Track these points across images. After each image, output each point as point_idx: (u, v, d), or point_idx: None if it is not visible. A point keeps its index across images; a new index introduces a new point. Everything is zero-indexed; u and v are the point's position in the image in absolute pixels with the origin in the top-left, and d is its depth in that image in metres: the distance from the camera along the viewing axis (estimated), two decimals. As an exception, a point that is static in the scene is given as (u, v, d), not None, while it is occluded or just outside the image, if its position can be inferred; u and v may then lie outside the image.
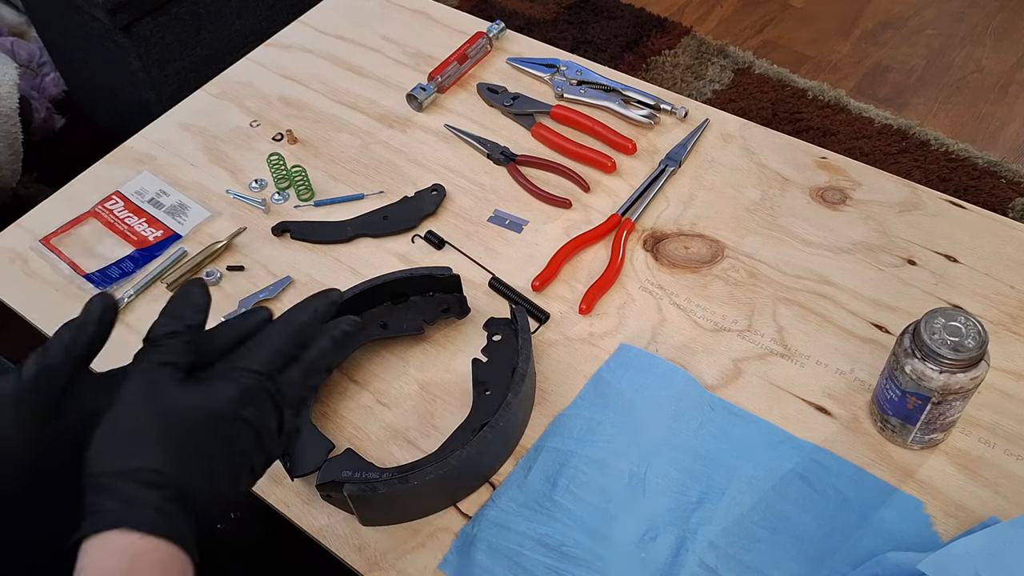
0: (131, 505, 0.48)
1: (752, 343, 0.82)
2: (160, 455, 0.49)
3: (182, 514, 0.49)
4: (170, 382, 0.52)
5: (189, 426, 0.51)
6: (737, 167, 0.97)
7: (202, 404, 0.52)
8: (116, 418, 0.51)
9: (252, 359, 0.54)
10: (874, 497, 0.71)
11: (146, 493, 0.48)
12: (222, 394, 0.52)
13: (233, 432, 0.52)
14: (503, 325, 0.82)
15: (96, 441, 0.50)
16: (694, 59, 1.88)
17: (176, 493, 0.49)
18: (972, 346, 0.65)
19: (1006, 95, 1.79)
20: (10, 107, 1.60)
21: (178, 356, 0.53)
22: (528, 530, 0.71)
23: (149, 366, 0.52)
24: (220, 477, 0.52)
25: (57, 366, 0.52)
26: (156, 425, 0.50)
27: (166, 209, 0.98)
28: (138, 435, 0.50)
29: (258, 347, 0.55)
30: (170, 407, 0.51)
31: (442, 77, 1.07)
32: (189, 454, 0.50)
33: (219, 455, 0.52)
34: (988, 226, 0.89)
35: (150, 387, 0.51)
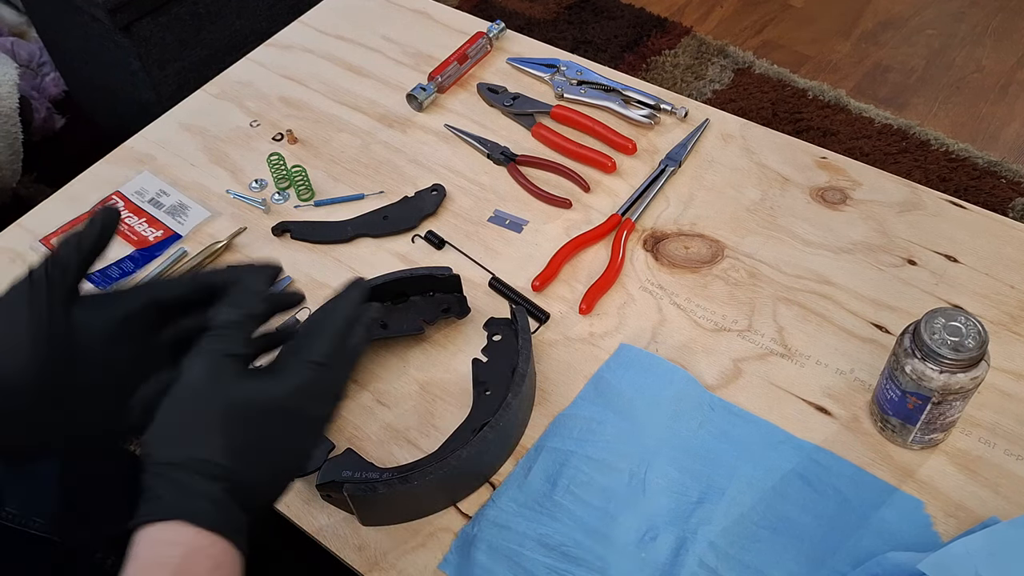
0: (191, 497, 0.48)
1: (752, 343, 0.82)
2: (223, 447, 0.49)
3: (239, 509, 0.49)
4: (234, 373, 0.52)
5: (253, 420, 0.51)
6: (737, 167, 0.97)
7: (267, 397, 0.52)
8: (178, 405, 0.51)
9: (315, 350, 0.54)
10: (874, 497, 0.71)
11: (207, 486, 0.48)
12: (287, 387, 0.52)
13: (294, 426, 0.52)
14: (503, 325, 0.82)
15: (157, 425, 0.51)
16: (694, 59, 1.88)
17: (236, 487, 0.49)
18: (972, 346, 0.65)
19: (1006, 95, 1.79)
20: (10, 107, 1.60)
21: (241, 347, 0.53)
22: (528, 530, 0.71)
23: (213, 356, 0.52)
24: (279, 472, 0.52)
25: (67, 260, 0.54)
26: (220, 417, 0.50)
27: (166, 209, 0.98)
28: (201, 425, 0.50)
29: (318, 338, 0.55)
30: (235, 399, 0.51)
31: (442, 77, 1.07)
32: (252, 448, 0.50)
33: (279, 449, 0.52)
34: (988, 226, 0.89)
35: (214, 377, 0.51)
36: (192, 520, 0.47)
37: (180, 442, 0.50)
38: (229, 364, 0.52)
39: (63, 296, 0.54)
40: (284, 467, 0.53)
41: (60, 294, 0.54)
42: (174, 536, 0.47)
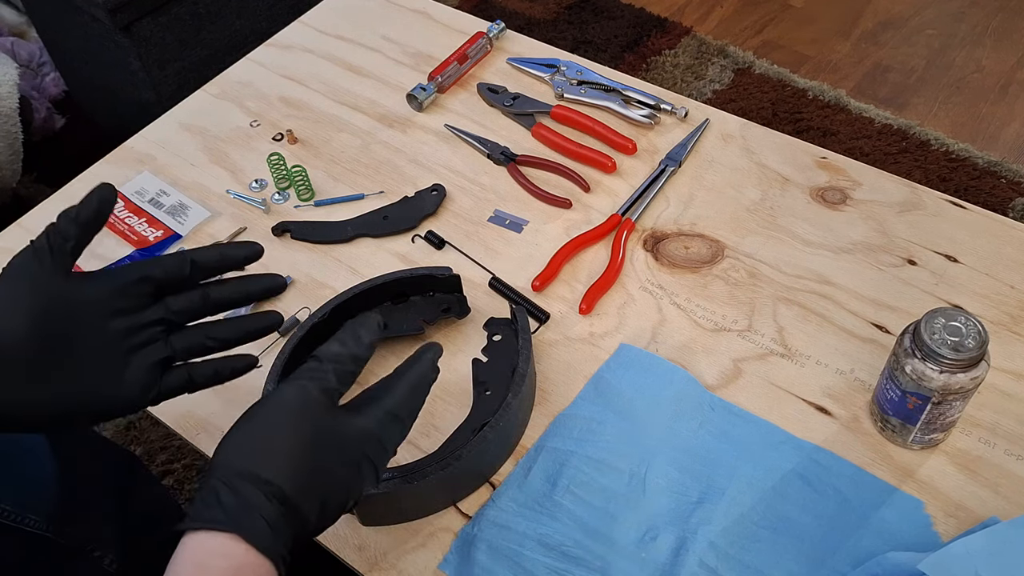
0: (252, 513, 0.49)
1: (752, 343, 0.82)
2: (291, 473, 0.51)
3: (288, 534, 0.51)
4: (323, 407, 0.54)
5: (323, 453, 0.53)
6: (737, 167, 0.97)
7: (342, 436, 0.54)
8: (261, 420, 0.53)
9: (394, 401, 0.57)
10: (874, 497, 0.71)
11: (269, 507, 0.50)
12: (362, 429, 0.55)
13: (356, 467, 0.55)
14: (503, 325, 0.82)
15: (234, 432, 0.52)
16: (694, 59, 1.88)
17: (292, 513, 0.51)
18: (972, 346, 0.65)
19: (1006, 95, 1.79)
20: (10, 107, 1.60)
21: (338, 383, 0.55)
22: (528, 530, 0.71)
23: (308, 384, 0.54)
24: (330, 507, 0.54)
25: (65, 233, 0.56)
26: (296, 443, 0.52)
27: (166, 209, 0.98)
28: (275, 445, 0.52)
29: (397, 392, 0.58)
30: (314, 431, 0.53)
31: (442, 77, 1.07)
32: (316, 480, 0.52)
33: (338, 488, 0.54)
34: (988, 226, 0.89)
35: (302, 403, 0.53)
36: (247, 537, 0.48)
37: (256, 457, 0.51)
38: (320, 396, 0.54)
39: (63, 264, 0.56)
40: (336, 504, 0.54)
41: (60, 261, 0.56)
42: (226, 548, 0.48)
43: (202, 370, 0.63)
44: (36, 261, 0.55)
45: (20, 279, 0.55)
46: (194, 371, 0.62)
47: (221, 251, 0.61)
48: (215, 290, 0.62)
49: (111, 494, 0.75)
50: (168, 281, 0.60)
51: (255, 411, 0.54)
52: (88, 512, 0.71)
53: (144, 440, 1.28)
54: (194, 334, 0.62)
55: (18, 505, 0.65)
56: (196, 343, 0.62)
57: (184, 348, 0.61)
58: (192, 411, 0.80)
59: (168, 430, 0.94)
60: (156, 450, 1.27)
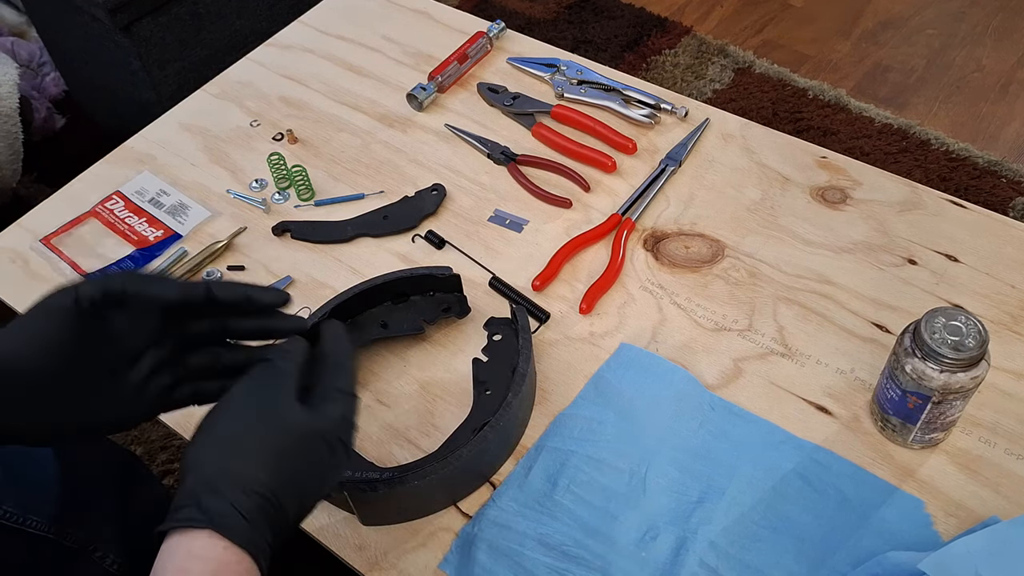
0: (226, 509, 0.49)
1: (752, 343, 0.82)
2: (264, 467, 0.51)
3: (268, 528, 0.50)
4: (286, 398, 0.54)
5: (295, 444, 0.53)
6: (737, 167, 0.97)
7: (310, 424, 0.54)
8: (228, 419, 0.53)
9: (344, 381, 0.57)
10: (874, 496, 0.71)
11: (245, 501, 0.49)
12: (328, 416, 0.55)
13: (331, 452, 0.54)
14: (503, 325, 0.82)
15: (204, 433, 0.52)
16: (694, 59, 1.88)
17: (270, 507, 0.51)
18: (972, 345, 0.65)
19: (1006, 95, 1.79)
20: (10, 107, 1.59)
21: (296, 375, 0.55)
22: (529, 530, 0.71)
23: (269, 378, 0.54)
24: (309, 495, 0.54)
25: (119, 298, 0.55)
26: (266, 437, 0.52)
27: (166, 209, 0.98)
28: (247, 442, 0.52)
29: (345, 370, 0.58)
30: (281, 423, 0.53)
31: (442, 77, 1.07)
32: (289, 471, 0.52)
33: (314, 474, 0.54)
34: (989, 225, 0.89)
35: (267, 399, 0.53)
36: (225, 533, 0.48)
37: (227, 454, 0.51)
38: (282, 387, 0.54)
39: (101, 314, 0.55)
40: (313, 491, 0.54)
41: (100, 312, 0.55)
42: (203, 550, 0.48)
43: (209, 387, 0.62)
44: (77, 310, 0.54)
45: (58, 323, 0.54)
46: (201, 387, 0.62)
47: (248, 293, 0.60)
48: (235, 324, 0.61)
49: (112, 494, 0.75)
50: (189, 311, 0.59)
51: (221, 410, 0.53)
52: (89, 513, 0.71)
53: (144, 440, 1.28)
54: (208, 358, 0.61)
55: (20, 506, 0.65)
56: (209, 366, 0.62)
57: (195, 370, 0.61)
58: (192, 411, 0.79)
59: (168, 430, 0.94)
60: (156, 450, 1.27)
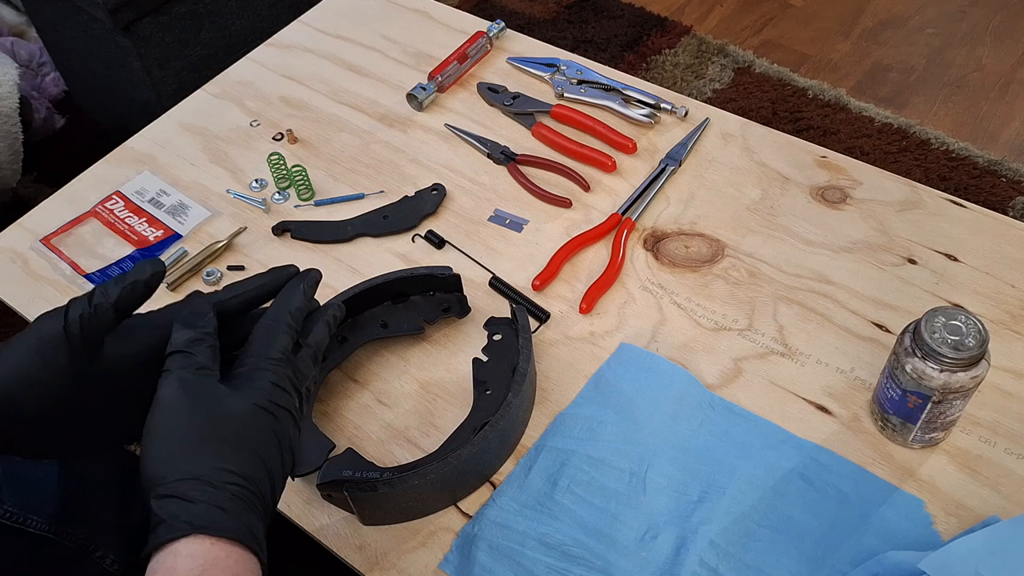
0: (198, 509, 0.48)
1: (752, 342, 0.82)
2: (218, 456, 0.50)
3: (248, 511, 0.50)
4: (210, 385, 0.53)
5: (238, 424, 0.52)
6: (737, 166, 0.97)
7: (244, 400, 0.53)
8: (165, 426, 0.52)
9: (272, 349, 0.56)
10: (875, 496, 0.71)
11: (215, 494, 0.49)
12: (258, 387, 0.54)
13: (275, 421, 0.54)
14: (503, 324, 0.82)
15: (150, 451, 0.51)
16: (694, 58, 1.88)
17: (240, 490, 0.50)
18: (972, 345, 0.65)
19: (1006, 94, 1.79)
20: (10, 107, 1.59)
21: (209, 361, 0.54)
22: (529, 529, 0.71)
23: (186, 373, 0.53)
24: (274, 466, 0.53)
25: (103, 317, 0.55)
26: (208, 428, 0.52)
27: (166, 209, 0.98)
28: (192, 439, 0.51)
29: (272, 336, 0.57)
30: (217, 409, 0.52)
31: (442, 77, 1.07)
32: (244, 450, 0.52)
33: (269, 446, 0.53)
34: (989, 225, 0.89)
35: (193, 392, 0.53)
36: (206, 531, 0.47)
37: (176, 460, 0.50)
38: (202, 378, 0.53)
39: (93, 348, 0.55)
40: (277, 463, 0.54)
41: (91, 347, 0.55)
42: (190, 549, 0.47)
43: None
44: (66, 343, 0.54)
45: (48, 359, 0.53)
46: None
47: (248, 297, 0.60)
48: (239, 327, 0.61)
49: (112, 494, 0.75)
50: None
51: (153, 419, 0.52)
52: (89, 512, 0.71)
53: (144, 440, 1.28)
54: None
55: (20, 506, 0.65)
56: None
57: None
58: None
59: (168, 430, 0.94)
60: (157, 450, 1.27)
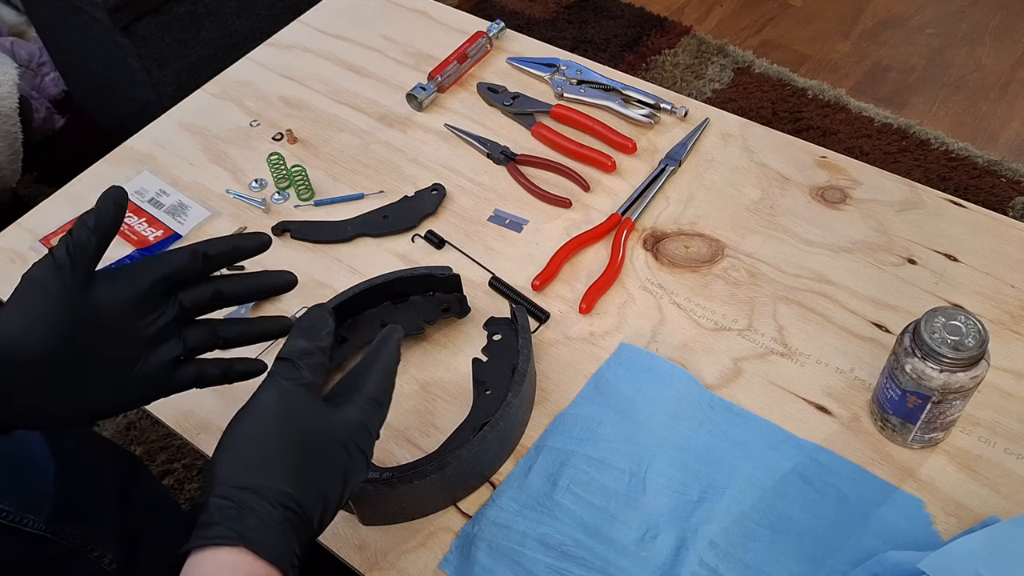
0: (251, 521, 0.48)
1: (752, 342, 0.82)
2: (285, 476, 0.51)
3: (293, 537, 0.50)
4: (306, 404, 0.54)
5: (314, 450, 0.53)
6: (737, 166, 0.97)
7: (330, 429, 0.54)
8: (249, 429, 0.52)
9: (372, 387, 0.57)
10: (874, 496, 0.71)
11: (273, 514, 0.49)
12: (348, 420, 0.55)
13: (349, 457, 0.54)
14: (503, 324, 0.82)
15: (226, 446, 0.52)
16: (694, 58, 1.88)
17: (297, 517, 0.50)
18: (972, 345, 0.65)
19: (1006, 94, 1.79)
20: (10, 107, 1.59)
21: (314, 377, 0.55)
22: (529, 529, 0.71)
23: (288, 384, 0.54)
24: (331, 501, 0.53)
25: (85, 244, 0.56)
26: (286, 445, 0.52)
27: (166, 209, 0.98)
28: (268, 451, 0.51)
29: (373, 376, 0.58)
30: (300, 429, 0.53)
31: (442, 77, 1.07)
32: (313, 479, 0.52)
33: (335, 480, 0.54)
34: (988, 225, 0.89)
35: (284, 405, 0.53)
36: (253, 547, 0.48)
37: (249, 466, 0.51)
38: (299, 393, 0.54)
39: (83, 276, 0.56)
40: (334, 498, 0.54)
41: (81, 274, 0.56)
42: (233, 561, 0.47)
43: (211, 369, 0.63)
44: (58, 276, 0.55)
45: (42, 294, 0.55)
46: (204, 369, 0.63)
47: (233, 242, 0.62)
48: (227, 285, 0.63)
49: (111, 494, 0.75)
50: (183, 277, 0.61)
51: (242, 420, 0.53)
52: (88, 512, 0.71)
53: (144, 440, 1.28)
54: (206, 331, 0.63)
55: (18, 505, 0.65)
56: (208, 340, 0.62)
57: (196, 344, 0.62)
58: (192, 411, 0.80)
59: (168, 430, 0.94)
60: (156, 450, 1.27)
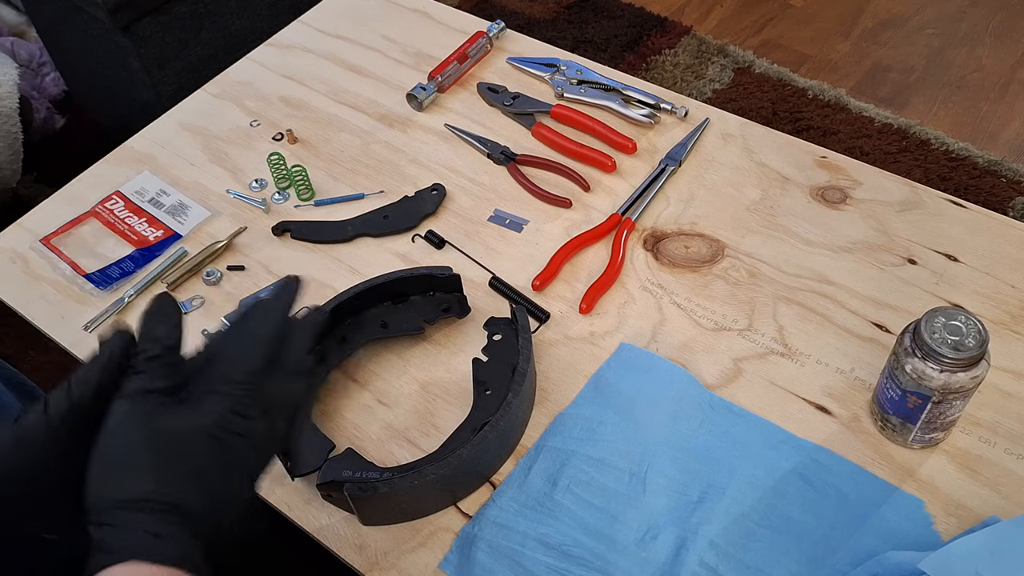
0: (133, 535, 0.47)
1: (752, 342, 0.82)
2: (155, 481, 0.49)
3: (185, 535, 0.49)
4: (156, 408, 0.51)
5: (180, 449, 0.51)
6: (737, 166, 0.97)
7: (190, 425, 0.51)
8: (106, 450, 0.51)
9: (235, 370, 0.53)
10: (874, 496, 0.71)
11: (145, 521, 0.48)
12: (209, 413, 0.52)
13: (225, 446, 0.52)
14: (503, 324, 0.82)
15: (90, 476, 0.50)
16: (694, 58, 1.88)
17: (175, 516, 0.49)
18: (972, 345, 0.65)
19: (1006, 94, 1.79)
20: (10, 107, 1.59)
21: (161, 381, 0.52)
22: (529, 530, 0.71)
23: (133, 395, 0.52)
24: (219, 494, 0.52)
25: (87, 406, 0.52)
26: (146, 452, 0.50)
27: (166, 209, 0.98)
28: (129, 464, 0.50)
29: (240, 354, 0.54)
30: (157, 433, 0.51)
31: (442, 77, 1.07)
32: (182, 476, 0.50)
33: (213, 470, 0.51)
34: (988, 225, 0.89)
35: (137, 416, 0.51)
36: (141, 557, 0.47)
37: (115, 484, 0.49)
38: (151, 400, 0.52)
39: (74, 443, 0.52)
40: (228, 489, 0.52)
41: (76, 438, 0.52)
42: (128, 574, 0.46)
43: None
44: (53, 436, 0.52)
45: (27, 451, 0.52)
46: None
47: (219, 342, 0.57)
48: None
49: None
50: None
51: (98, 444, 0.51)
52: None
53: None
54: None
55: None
56: None
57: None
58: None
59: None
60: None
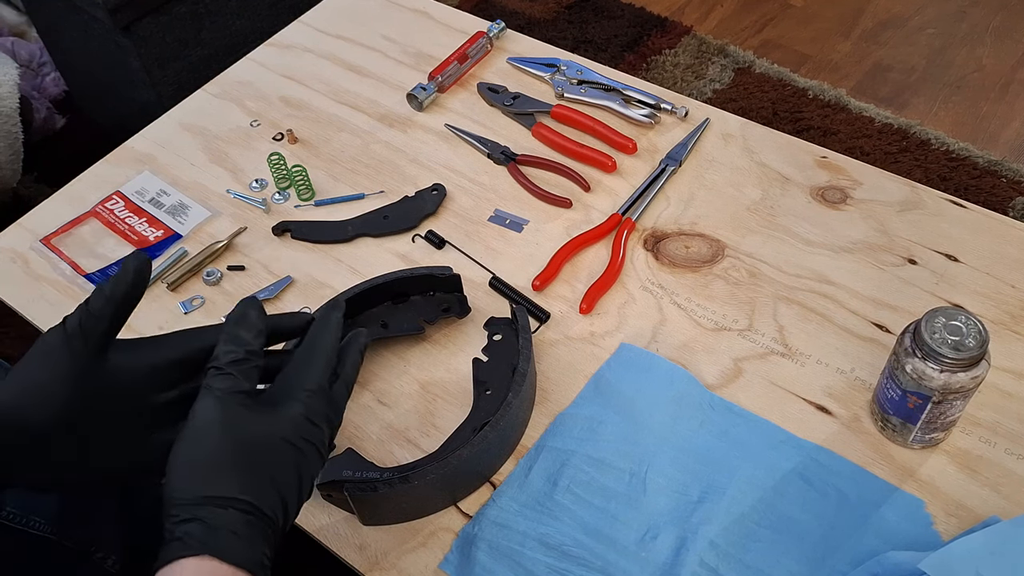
0: (213, 532, 0.49)
1: (753, 342, 0.82)
2: (239, 482, 0.51)
3: (259, 539, 0.51)
4: (242, 410, 0.54)
5: (263, 453, 0.53)
6: (737, 166, 0.97)
7: (272, 430, 0.54)
8: (193, 446, 0.53)
9: (310, 379, 0.57)
10: (875, 496, 0.71)
11: (227, 519, 0.50)
12: (289, 417, 0.55)
13: (299, 453, 0.55)
14: (504, 324, 0.82)
15: (174, 468, 0.52)
16: (694, 59, 1.88)
17: (254, 519, 0.51)
18: (973, 345, 0.65)
19: (1007, 94, 1.79)
20: (10, 107, 1.59)
21: (246, 383, 0.55)
22: (529, 530, 0.71)
23: (221, 395, 0.54)
24: (290, 498, 0.54)
25: (100, 314, 0.55)
26: (233, 453, 0.52)
27: (166, 209, 0.98)
28: (216, 463, 0.52)
29: (312, 366, 0.58)
30: (244, 435, 0.53)
31: (442, 77, 1.07)
32: (264, 480, 0.52)
33: (289, 478, 0.54)
34: (989, 225, 0.89)
35: (224, 415, 0.53)
36: (219, 555, 0.48)
37: (200, 480, 0.51)
38: (236, 401, 0.54)
39: (95, 346, 0.55)
40: (292, 493, 0.54)
41: (93, 344, 0.55)
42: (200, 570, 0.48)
43: None
44: (68, 347, 0.54)
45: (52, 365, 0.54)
46: None
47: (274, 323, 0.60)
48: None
49: (113, 496, 0.75)
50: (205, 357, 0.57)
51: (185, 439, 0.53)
52: (90, 514, 0.71)
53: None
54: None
55: (22, 507, 0.65)
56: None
57: None
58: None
59: (168, 430, 0.94)
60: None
